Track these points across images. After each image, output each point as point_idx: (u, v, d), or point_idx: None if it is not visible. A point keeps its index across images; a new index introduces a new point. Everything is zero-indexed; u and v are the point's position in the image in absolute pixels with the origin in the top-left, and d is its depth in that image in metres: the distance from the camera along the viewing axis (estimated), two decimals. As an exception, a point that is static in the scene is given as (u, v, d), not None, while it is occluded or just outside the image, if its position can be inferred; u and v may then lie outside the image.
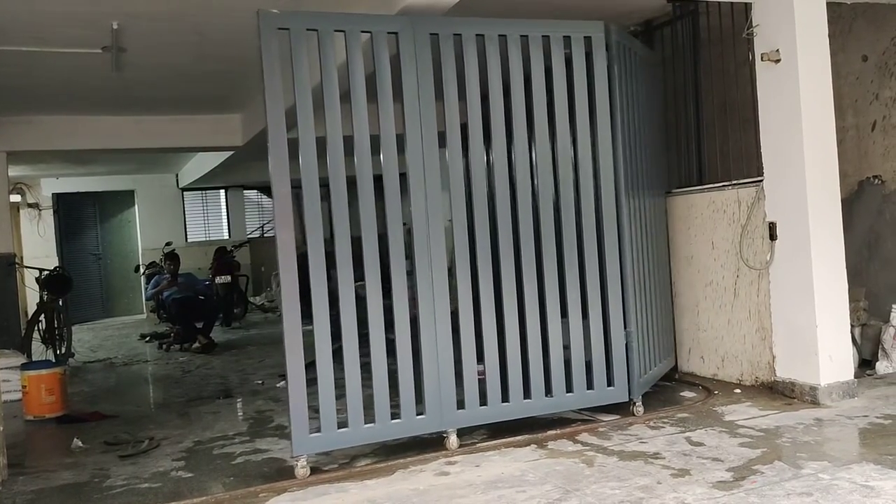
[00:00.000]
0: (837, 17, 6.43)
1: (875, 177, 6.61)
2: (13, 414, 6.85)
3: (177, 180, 16.23)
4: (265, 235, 17.38)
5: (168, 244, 13.92)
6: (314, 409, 4.44)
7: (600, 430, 4.96)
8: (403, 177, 4.69)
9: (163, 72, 7.33)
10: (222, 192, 16.97)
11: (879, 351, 6.24)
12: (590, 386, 5.16)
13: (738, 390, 5.77)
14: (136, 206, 16.18)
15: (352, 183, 4.55)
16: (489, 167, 5.16)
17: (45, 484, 4.85)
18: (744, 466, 4.08)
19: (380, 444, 4.81)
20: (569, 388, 5.11)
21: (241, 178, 15.37)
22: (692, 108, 6.55)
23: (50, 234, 15.26)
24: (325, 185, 4.43)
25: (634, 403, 5.23)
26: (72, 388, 7.44)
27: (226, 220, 17.17)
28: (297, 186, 4.33)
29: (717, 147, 6.35)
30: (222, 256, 13.57)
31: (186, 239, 16.42)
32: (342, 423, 4.51)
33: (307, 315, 4.35)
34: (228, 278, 13.06)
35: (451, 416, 4.78)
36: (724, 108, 6.19)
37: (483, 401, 4.88)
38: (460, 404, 4.80)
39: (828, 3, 5.47)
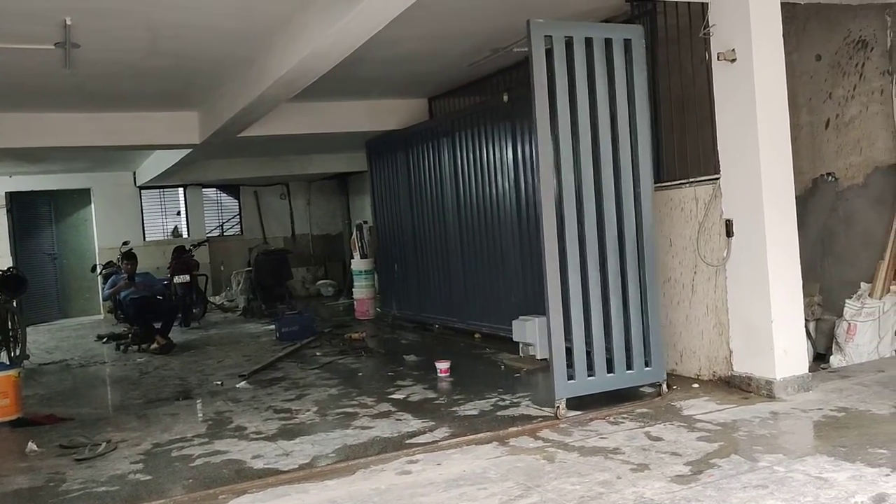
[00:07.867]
0: (792, 18, 6.53)
1: (829, 174, 6.73)
2: (-35, 418, 6.72)
3: (134, 178, 15.96)
4: (224, 234, 17.20)
5: (125, 243, 13.70)
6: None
7: (561, 426, 5.00)
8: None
9: (116, 68, 7.20)
10: (181, 189, 16.73)
11: (833, 345, 6.36)
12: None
13: (696, 385, 5.85)
14: (93, 205, 15.86)
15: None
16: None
17: (-2, 489, 4.76)
18: (701, 460, 4.14)
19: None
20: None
21: (200, 176, 15.16)
22: (650, 107, 6.58)
23: (3, 234, 14.90)
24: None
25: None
26: (26, 391, 7.29)
27: (184, 219, 16.92)
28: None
29: (674, 145, 6.41)
30: (181, 255, 13.39)
31: (144, 238, 16.17)
32: (589, 373, 5.39)
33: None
34: (187, 278, 12.87)
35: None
36: (682, 106, 6.25)
37: None
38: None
39: (782, 4, 5.55)
